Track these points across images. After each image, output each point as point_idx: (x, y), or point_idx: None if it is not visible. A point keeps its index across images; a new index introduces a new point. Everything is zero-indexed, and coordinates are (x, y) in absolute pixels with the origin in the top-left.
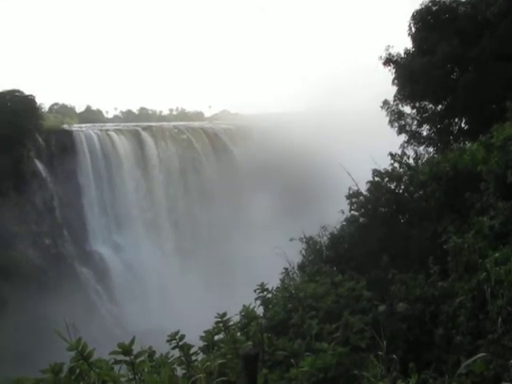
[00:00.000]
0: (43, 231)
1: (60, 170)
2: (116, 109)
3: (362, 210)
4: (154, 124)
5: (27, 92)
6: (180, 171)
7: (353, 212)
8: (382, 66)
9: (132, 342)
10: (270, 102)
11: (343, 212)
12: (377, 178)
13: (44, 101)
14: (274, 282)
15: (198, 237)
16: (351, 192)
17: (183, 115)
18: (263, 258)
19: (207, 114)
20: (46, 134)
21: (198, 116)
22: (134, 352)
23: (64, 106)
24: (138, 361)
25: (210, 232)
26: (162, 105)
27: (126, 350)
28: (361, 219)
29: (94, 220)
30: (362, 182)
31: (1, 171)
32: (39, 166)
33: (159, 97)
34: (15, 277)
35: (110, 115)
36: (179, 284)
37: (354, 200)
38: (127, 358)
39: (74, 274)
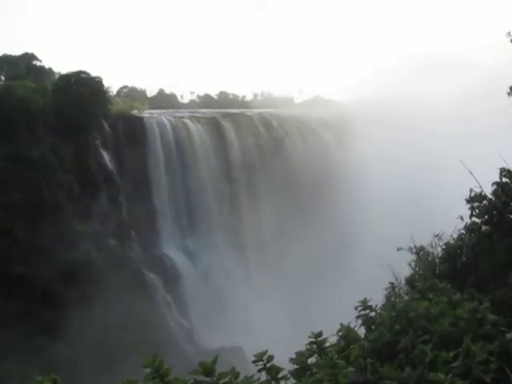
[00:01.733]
0: (108, 230)
1: (128, 162)
2: (192, 93)
3: (486, 216)
4: (235, 111)
5: (94, 74)
6: (265, 169)
7: (474, 219)
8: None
9: (215, 361)
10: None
11: (462, 218)
12: (505, 179)
13: (112, 83)
14: (377, 299)
15: (286, 247)
16: (473, 195)
17: (270, 101)
18: (362, 271)
19: (298, 100)
20: (113, 120)
21: (287, 102)
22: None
23: (134, 90)
24: (221, 382)
25: (300, 240)
26: (244, 88)
27: (207, 369)
28: (484, 227)
29: (165, 220)
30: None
31: (63, 161)
32: (105, 156)
33: (241, 79)
34: (77, 281)
35: (185, 100)
36: (261, 300)
37: (475, 204)
38: (209, 379)
39: (141, 279)
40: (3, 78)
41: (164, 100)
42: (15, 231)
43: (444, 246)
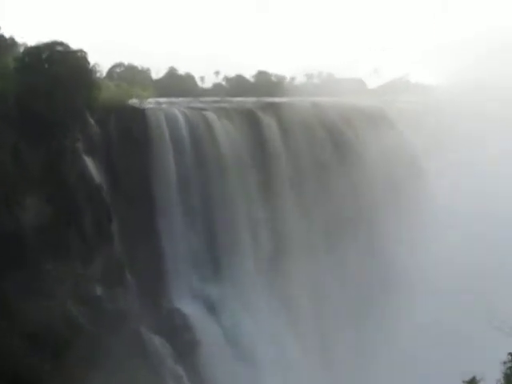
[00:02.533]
0: (94, 274)
1: (123, 174)
2: (217, 73)
3: None
4: (280, 100)
5: (75, 46)
6: (319, 182)
7: None
8: None
9: None
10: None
11: None
12: None
13: (101, 60)
14: None
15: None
16: None
17: (331, 85)
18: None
19: (371, 85)
20: (102, 113)
21: (357, 86)
22: None
23: (132, 69)
24: None
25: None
26: (293, 67)
27: None
28: None
29: (176, 257)
30: None
31: (29, 172)
32: (90, 165)
33: (288, 55)
34: (50, 348)
35: (207, 83)
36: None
37: None
38: None
39: (141, 345)
40: None
41: (176, 84)
42: None
43: None
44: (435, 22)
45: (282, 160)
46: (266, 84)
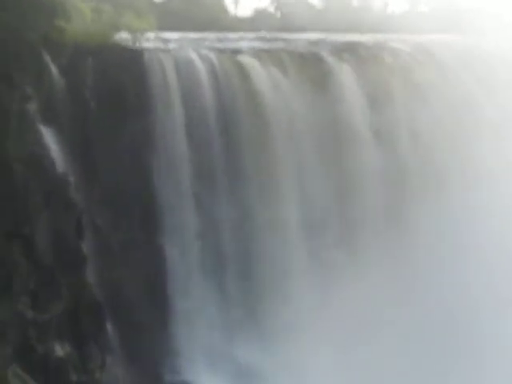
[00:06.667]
0: (49, 321)
1: (104, 157)
2: None
3: None
4: (364, 39)
5: None
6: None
7: None
8: None
9: None
10: None
11: None
12: None
13: None
14: None
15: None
16: None
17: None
18: None
19: None
20: (71, 55)
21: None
22: None
23: None
24: None
25: None
26: None
27: None
28: None
29: (189, 293)
30: None
31: None
32: (49, 142)
33: None
34: None
35: (244, 11)
36: None
37: None
38: None
39: None
40: None
41: (194, 9)
42: None
43: None
44: None
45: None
46: (339, 10)
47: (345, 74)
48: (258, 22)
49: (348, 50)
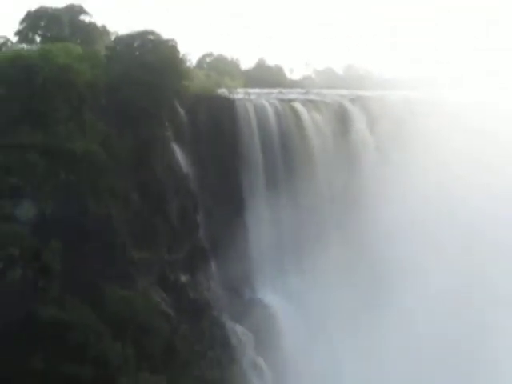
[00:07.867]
0: (177, 260)
1: (210, 164)
2: (307, 65)
3: None
4: (369, 94)
5: (166, 35)
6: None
7: None
8: None
9: None
10: None
11: None
12: None
13: (190, 50)
14: None
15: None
16: None
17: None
18: None
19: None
20: (191, 102)
21: None
22: None
23: (222, 59)
24: None
25: None
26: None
27: None
28: None
29: (261, 248)
30: None
31: (117, 160)
32: (178, 154)
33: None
34: (131, 332)
35: (296, 76)
36: None
37: None
38: None
39: (222, 334)
40: (39, 39)
41: (265, 74)
42: (44, 257)
43: None
44: None
45: (372, 158)
46: (356, 76)
47: (357, 115)
48: (304, 82)
49: (359, 100)
